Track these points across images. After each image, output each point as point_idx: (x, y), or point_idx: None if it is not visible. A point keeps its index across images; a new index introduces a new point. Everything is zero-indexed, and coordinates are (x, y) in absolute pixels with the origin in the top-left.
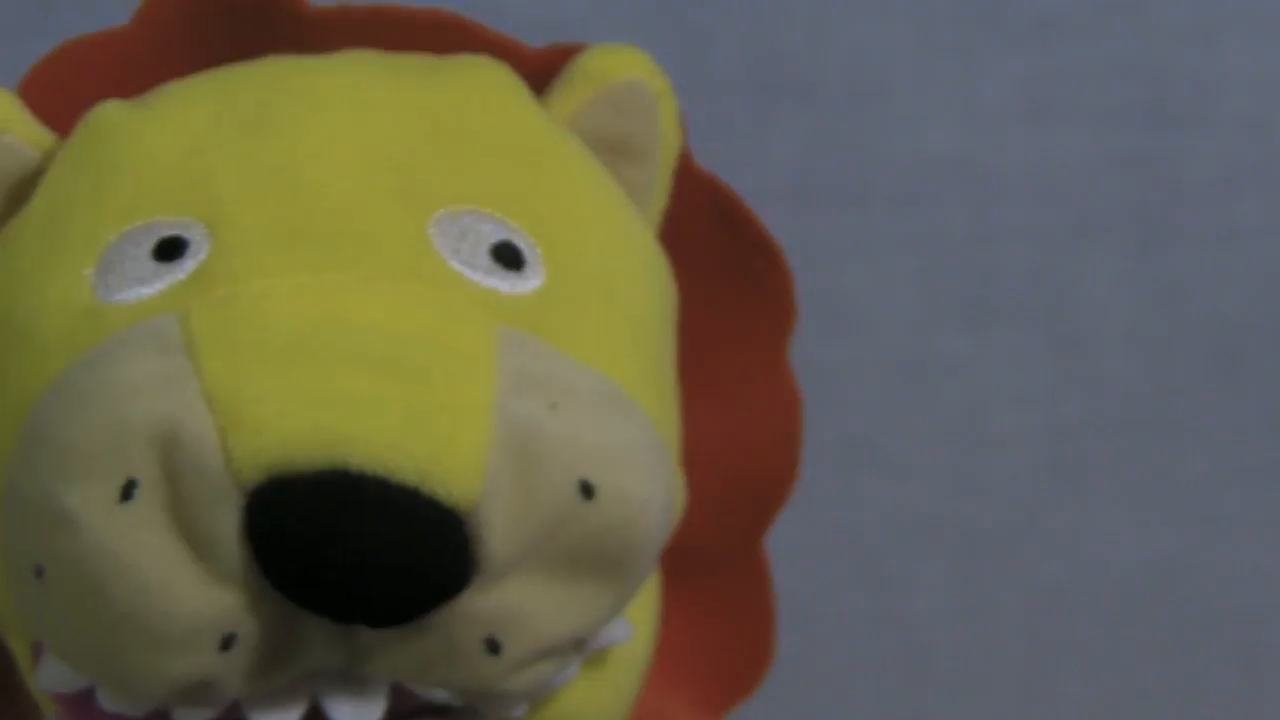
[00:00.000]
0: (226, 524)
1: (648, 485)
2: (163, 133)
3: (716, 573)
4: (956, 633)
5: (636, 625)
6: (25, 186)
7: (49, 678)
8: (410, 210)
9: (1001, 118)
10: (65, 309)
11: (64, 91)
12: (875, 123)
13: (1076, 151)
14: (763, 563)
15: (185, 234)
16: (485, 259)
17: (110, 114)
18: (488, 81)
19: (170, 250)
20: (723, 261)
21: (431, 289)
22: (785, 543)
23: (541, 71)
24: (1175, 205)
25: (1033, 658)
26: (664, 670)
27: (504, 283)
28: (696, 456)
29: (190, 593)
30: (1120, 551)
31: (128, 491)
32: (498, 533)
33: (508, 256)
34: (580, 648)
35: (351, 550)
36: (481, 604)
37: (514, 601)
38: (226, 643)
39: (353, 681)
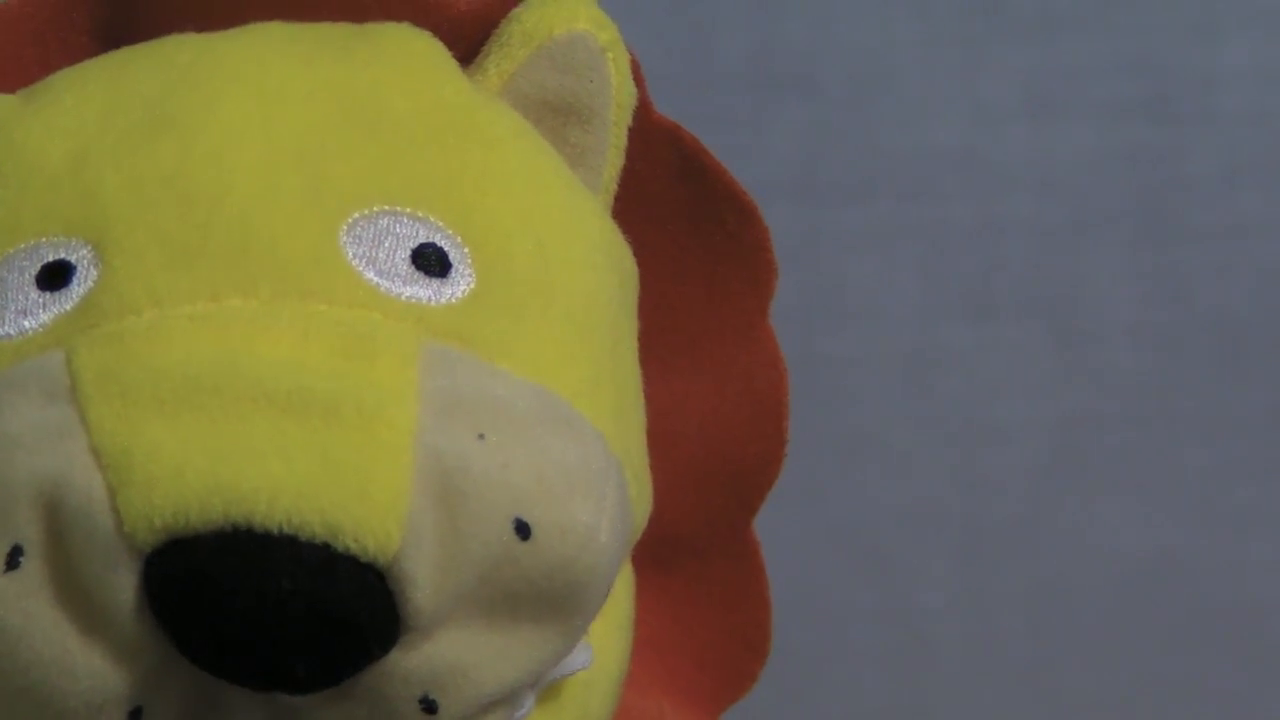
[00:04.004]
0: (123, 590)
1: (591, 513)
2: (49, 136)
3: (705, 559)
4: (960, 625)
5: (601, 645)
6: None
7: None
8: (320, 216)
9: (1004, 112)
10: None
11: None
12: (878, 117)
13: (1079, 146)
14: (755, 548)
15: (71, 258)
16: (405, 266)
17: None
18: (409, 55)
19: (56, 277)
20: (692, 219)
21: (344, 309)
22: (788, 536)
23: (479, 24)
24: (1178, 199)
25: (1036, 650)
26: (651, 668)
27: (427, 291)
28: (675, 433)
29: (88, 667)
30: (1123, 544)
31: (13, 559)
32: (422, 586)
33: (431, 260)
34: (533, 686)
35: (259, 617)
36: (411, 662)
37: (448, 656)
38: (134, 717)
39: None
